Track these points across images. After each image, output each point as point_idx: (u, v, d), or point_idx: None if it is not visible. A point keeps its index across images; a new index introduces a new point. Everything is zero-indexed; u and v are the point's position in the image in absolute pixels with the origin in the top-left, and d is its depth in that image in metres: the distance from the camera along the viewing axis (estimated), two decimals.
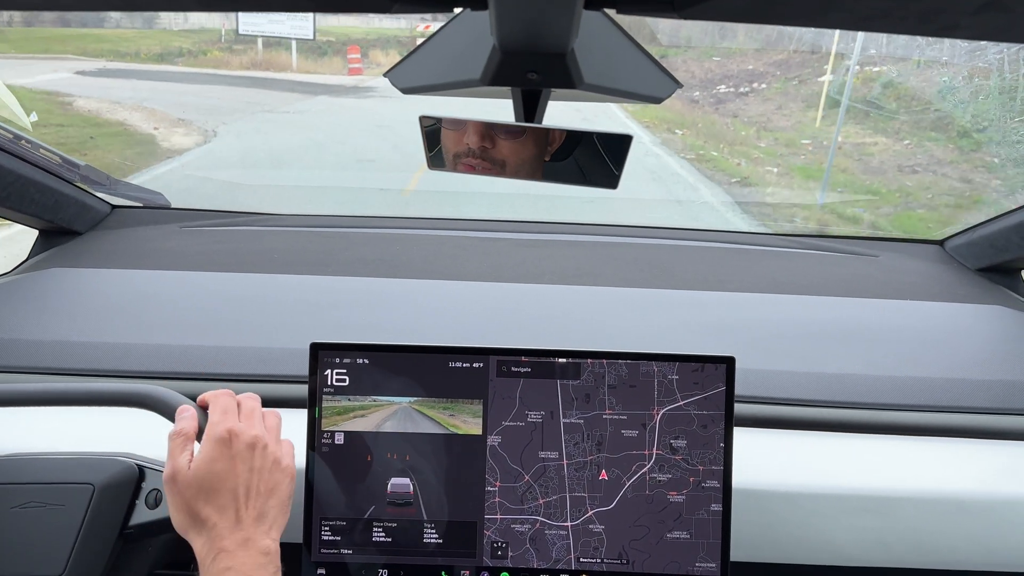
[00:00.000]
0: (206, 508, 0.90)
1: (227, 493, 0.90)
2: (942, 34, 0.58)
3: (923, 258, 1.91)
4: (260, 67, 17.76)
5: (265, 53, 18.72)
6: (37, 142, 1.67)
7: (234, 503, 0.90)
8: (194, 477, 0.91)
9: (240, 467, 0.92)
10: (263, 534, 0.90)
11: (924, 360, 1.42)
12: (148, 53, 18.16)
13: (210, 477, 0.91)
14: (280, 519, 0.94)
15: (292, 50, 17.66)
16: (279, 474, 0.95)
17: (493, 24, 0.69)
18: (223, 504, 0.90)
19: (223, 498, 0.90)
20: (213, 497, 0.90)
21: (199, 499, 0.90)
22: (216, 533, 0.88)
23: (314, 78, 16.33)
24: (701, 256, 1.91)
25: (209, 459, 0.92)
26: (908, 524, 1.18)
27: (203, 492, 0.90)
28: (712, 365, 1.12)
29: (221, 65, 17.48)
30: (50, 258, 1.77)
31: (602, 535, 1.11)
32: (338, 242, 1.93)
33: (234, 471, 0.91)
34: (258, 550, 0.88)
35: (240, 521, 0.89)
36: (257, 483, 0.92)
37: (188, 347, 1.38)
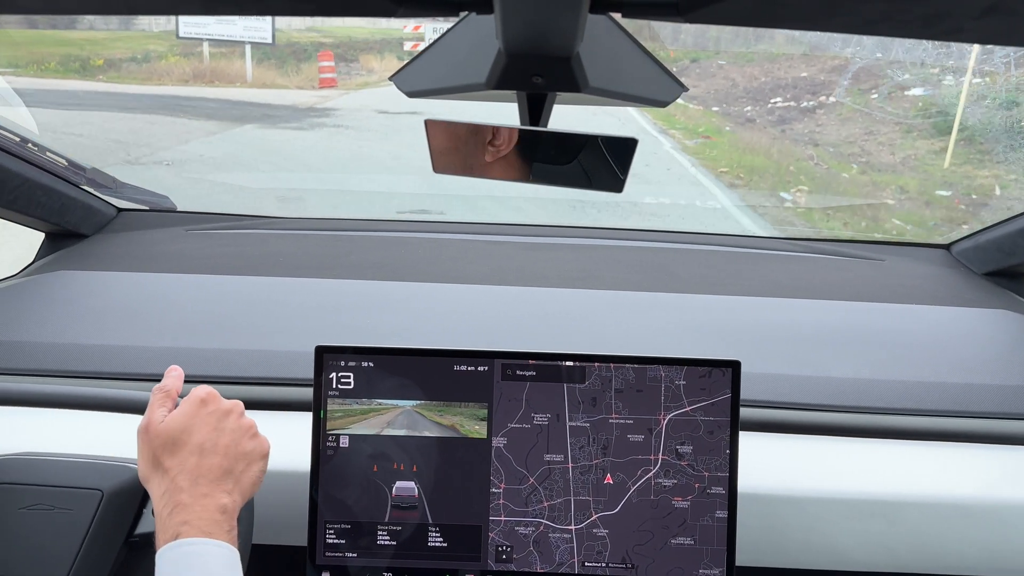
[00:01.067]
0: (170, 459, 0.91)
1: (192, 447, 0.91)
2: (946, 38, 0.58)
3: (929, 262, 1.90)
4: (204, 79, 14.15)
5: (217, 61, 15.01)
6: (43, 145, 1.68)
7: (198, 457, 0.91)
8: (164, 428, 0.93)
9: (211, 425, 0.93)
10: (223, 492, 0.90)
11: (930, 364, 1.41)
12: (96, 61, 14.93)
13: (179, 431, 0.92)
14: (245, 485, 0.94)
15: (247, 57, 14.19)
16: (251, 443, 0.96)
17: (498, 28, 0.70)
18: (185, 456, 0.91)
19: (187, 450, 0.91)
20: (178, 449, 0.91)
21: (165, 449, 0.91)
22: (175, 485, 0.89)
23: (263, 94, 12.94)
24: (706, 259, 1.91)
25: (182, 414, 0.94)
26: (913, 529, 1.17)
27: (169, 443, 0.92)
28: (719, 369, 1.12)
29: (165, 77, 14.04)
30: (56, 261, 1.77)
31: (606, 539, 1.11)
32: (343, 245, 1.93)
33: (203, 428, 0.93)
34: (216, 507, 0.88)
35: (201, 476, 0.90)
36: (226, 444, 0.93)
37: (193, 350, 1.39)
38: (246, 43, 14.07)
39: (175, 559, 0.85)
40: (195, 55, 14.80)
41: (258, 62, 14.98)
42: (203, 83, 13.83)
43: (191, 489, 0.89)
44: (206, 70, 14.29)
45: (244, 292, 1.63)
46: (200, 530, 0.86)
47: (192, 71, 14.38)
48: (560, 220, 6.23)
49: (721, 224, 6.16)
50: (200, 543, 0.85)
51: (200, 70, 14.36)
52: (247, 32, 13.90)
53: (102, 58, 15.17)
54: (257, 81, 14.22)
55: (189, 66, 14.38)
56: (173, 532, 0.86)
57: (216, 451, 0.92)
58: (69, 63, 14.75)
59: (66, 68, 14.53)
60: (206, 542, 0.86)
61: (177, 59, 14.88)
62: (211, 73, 14.30)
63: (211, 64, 14.59)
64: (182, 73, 14.29)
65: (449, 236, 2.00)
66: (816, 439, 1.27)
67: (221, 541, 0.87)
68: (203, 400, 0.96)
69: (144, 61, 15.37)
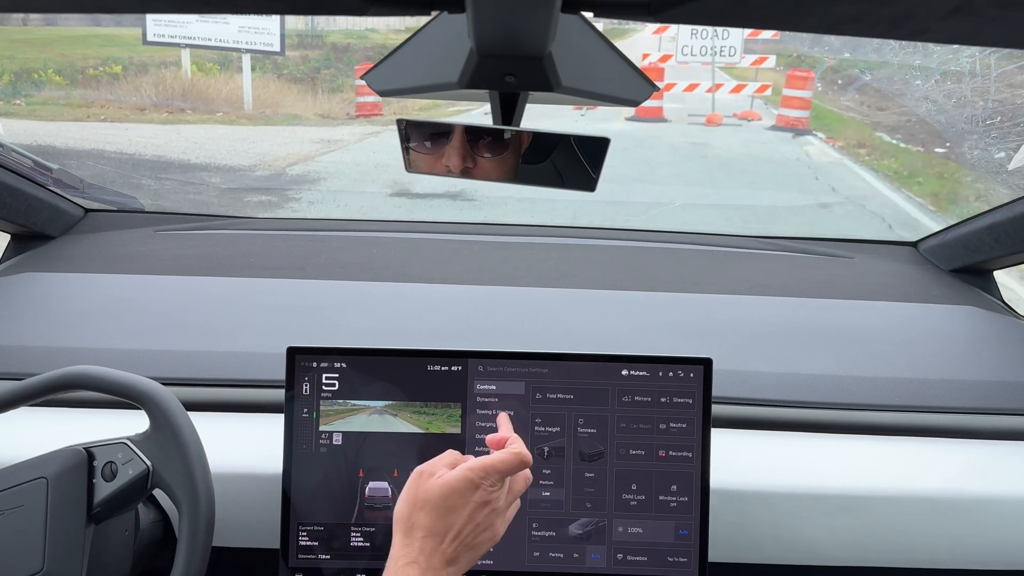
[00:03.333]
0: (425, 518, 0.90)
1: (445, 521, 0.91)
2: (912, 38, 0.58)
3: (897, 259, 1.93)
4: (175, 105, 9.58)
5: (206, 78, 10.51)
6: (10, 145, 1.65)
7: (445, 532, 0.90)
8: (434, 487, 0.91)
9: (466, 512, 0.92)
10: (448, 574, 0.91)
11: (898, 360, 1.43)
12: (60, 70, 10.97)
13: (443, 499, 0.91)
14: (464, 568, 0.93)
15: (245, 74, 9.64)
16: (486, 536, 0.94)
17: (470, 27, 0.69)
18: (436, 526, 0.90)
19: (440, 523, 0.90)
20: (435, 516, 0.91)
21: (425, 507, 0.91)
22: (416, 547, 0.89)
23: (261, 137, 8.74)
24: (677, 258, 1.92)
25: (451, 486, 0.92)
26: (883, 523, 1.19)
27: (430, 504, 0.91)
28: (689, 367, 1.13)
29: (113, 104, 9.82)
30: (23, 262, 1.74)
31: (580, 535, 1.11)
32: (315, 245, 1.92)
33: (460, 511, 0.91)
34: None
35: (439, 550, 0.90)
36: (470, 533, 0.92)
37: (163, 352, 1.37)
38: (243, 51, 9.58)
39: None
40: (168, 65, 10.80)
41: (272, 75, 10.76)
42: (172, 113, 9.54)
43: (426, 557, 0.89)
44: (187, 90, 10.16)
45: (214, 293, 1.61)
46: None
47: (164, 92, 10.01)
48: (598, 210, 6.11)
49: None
50: None
51: (172, 91, 9.98)
52: (244, 35, 9.46)
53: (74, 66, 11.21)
54: (259, 110, 9.99)
55: (157, 85, 10.35)
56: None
57: (459, 537, 0.91)
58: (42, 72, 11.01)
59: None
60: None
61: (136, 77, 10.78)
62: (196, 94, 10.08)
63: (198, 81, 10.44)
64: (154, 93, 10.04)
65: (423, 236, 1.99)
66: (787, 435, 1.29)
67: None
68: (473, 485, 0.92)
69: (102, 74, 11.22)
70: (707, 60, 10.62)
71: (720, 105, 10.49)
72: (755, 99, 10.90)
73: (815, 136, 9.70)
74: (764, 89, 10.48)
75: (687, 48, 10.47)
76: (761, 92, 10.59)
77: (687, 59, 10.59)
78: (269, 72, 11.34)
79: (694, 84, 10.44)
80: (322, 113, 9.97)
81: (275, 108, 10.07)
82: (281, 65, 11.48)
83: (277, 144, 8.55)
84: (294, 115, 9.87)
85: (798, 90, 9.76)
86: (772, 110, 10.72)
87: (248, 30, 9.41)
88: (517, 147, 0.84)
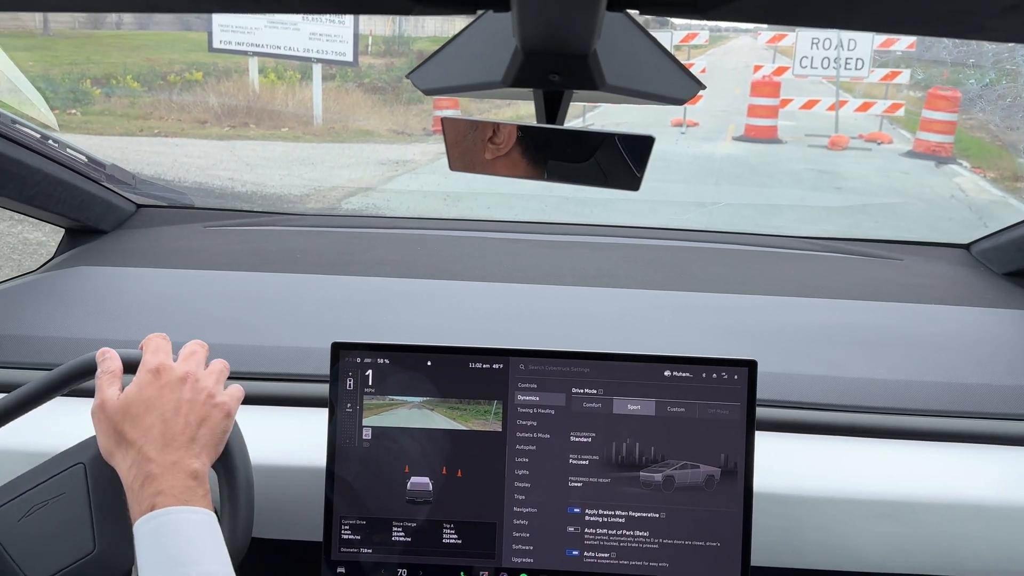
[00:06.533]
0: (133, 430, 0.90)
1: (154, 416, 0.91)
2: (968, 36, 0.57)
3: (949, 262, 1.88)
4: (238, 119, 8.99)
5: (274, 88, 9.88)
6: (64, 141, 1.69)
7: (161, 425, 0.90)
8: (121, 404, 0.92)
9: (169, 396, 0.93)
10: (192, 457, 0.90)
11: (948, 365, 1.40)
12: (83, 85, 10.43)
13: (138, 403, 0.92)
14: (211, 447, 0.93)
15: (314, 84, 9.06)
16: (211, 408, 0.95)
17: (515, 26, 0.69)
18: (150, 425, 0.90)
19: (150, 420, 0.90)
20: (139, 419, 0.91)
21: (125, 422, 0.91)
22: (143, 455, 0.88)
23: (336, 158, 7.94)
24: (722, 258, 1.90)
25: (138, 387, 0.93)
26: (930, 530, 1.16)
27: (130, 416, 0.91)
28: (734, 368, 1.11)
29: (181, 112, 9.27)
30: (76, 256, 1.79)
31: (620, 536, 1.11)
32: (360, 242, 1.94)
33: (162, 398, 0.92)
34: (187, 473, 0.88)
35: (167, 443, 0.89)
36: (187, 412, 0.92)
37: (211, 345, 1.39)
38: (313, 61, 9.05)
39: (154, 530, 0.85)
40: (236, 72, 10.19)
41: (352, 84, 9.89)
42: (235, 127, 8.88)
43: (160, 457, 0.88)
44: (253, 105, 9.42)
45: (262, 288, 1.64)
46: (175, 499, 0.86)
47: (222, 108, 9.19)
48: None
49: None
50: (177, 512, 0.85)
51: (232, 104, 9.23)
52: (315, 43, 8.84)
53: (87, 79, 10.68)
54: (332, 119, 9.04)
55: (222, 95, 9.80)
56: (148, 504, 0.86)
57: (179, 416, 0.92)
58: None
59: None
60: (183, 510, 0.86)
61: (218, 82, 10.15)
62: (258, 105, 9.24)
63: (260, 93, 9.74)
64: (204, 111, 9.27)
65: (466, 234, 2.00)
66: (833, 439, 1.27)
67: (198, 507, 0.87)
68: (156, 371, 0.95)
69: (157, 80, 10.97)
70: (829, 74, 9.68)
71: (840, 125, 9.34)
72: (882, 119, 9.64)
73: (960, 165, 8.41)
74: (896, 108, 9.27)
75: (806, 60, 9.59)
76: (892, 111, 9.35)
77: (805, 72, 9.71)
78: (350, 81, 10.73)
79: (813, 100, 9.51)
80: (396, 128, 9.21)
81: (345, 123, 9.30)
82: (363, 73, 10.86)
83: (339, 166, 7.67)
84: (365, 131, 9.07)
85: (941, 112, 8.49)
86: (901, 132, 9.66)
87: (319, 37, 8.80)
88: (561, 146, 0.83)
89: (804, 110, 9.48)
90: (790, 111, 9.51)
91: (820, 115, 9.53)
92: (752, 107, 9.60)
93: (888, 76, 9.61)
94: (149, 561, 0.84)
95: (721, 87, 12.35)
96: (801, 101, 9.46)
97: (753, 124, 9.49)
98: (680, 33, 10.58)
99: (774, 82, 9.56)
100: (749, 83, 9.89)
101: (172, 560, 0.83)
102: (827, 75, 9.78)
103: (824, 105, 9.39)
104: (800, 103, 9.45)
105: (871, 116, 9.55)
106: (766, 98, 9.50)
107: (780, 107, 9.35)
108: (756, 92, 9.64)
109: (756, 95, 9.62)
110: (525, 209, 6.06)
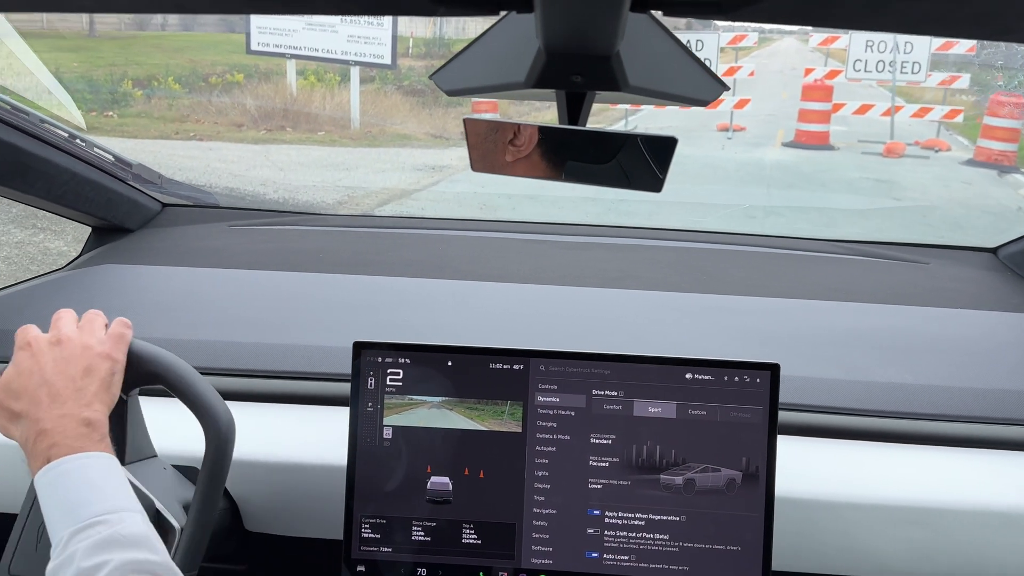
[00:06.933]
0: (18, 403, 0.92)
1: (35, 383, 0.92)
2: (996, 38, 0.56)
3: (975, 266, 1.86)
4: (274, 123, 8.91)
5: (311, 91, 9.68)
6: (91, 140, 1.71)
7: (45, 389, 0.91)
8: (2, 383, 0.94)
9: (44, 360, 0.93)
10: (82, 406, 0.91)
11: (974, 370, 1.39)
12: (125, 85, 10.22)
13: (15, 378, 0.93)
14: (102, 394, 0.94)
15: (352, 89, 8.90)
16: (92, 358, 0.95)
17: (539, 26, 0.70)
18: (33, 391, 0.91)
19: (32, 387, 0.92)
20: (22, 392, 0.92)
21: (9, 399, 0.92)
22: (32, 418, 0.90)
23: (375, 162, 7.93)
24: (745, 261, 1.89)
25: (13, 365, 0.95)
26: (955, 537, 1.15)
27: (12, 391, 0.93)
28: (756, 372, 1.11)
29: (218, 115, 9.21)
30: (102, 254, 1.80)
31: (640, 539, 1.10)
32: (383, 242, 1.94)
33: (40, 365, 0.93)
34: (78, 421, 0.89)
35: (54, 400, 0.90)
36: (64, 368, 0.93)
37: (233, 343, 1.40)
38: (351, 64, 8.97)
39: (51, 480, 0.86)
40: (277, 75, 9.98)
41: (392, 86, 9.65)
42: (271, 131, 8.62)
43: (48, 414, 0.89)
44: (290, 106, 9.27)
45: (284, 287, 1.65)
46: (68, 448, 0.87)
47: (259, 112, 8.95)
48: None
49: None
50: (71, 459, 0.86)
51: (268, 111, 8.93)
52: (353, 45, 8.77)
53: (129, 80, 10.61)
54: (369, 123, 8.89)
55: (259, 98, 9.65)
56: (43, 457, 0.87)
57: (59, 375, 0.92)
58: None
59: None
60: (78, 457, 0.87)
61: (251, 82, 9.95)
62: (295, 109, 9.12)
63: (297, 96, 9.54)
64: (240, 114, 9.09)
65: (487, 234, 2.00)
66: (857, 444, 1.26)
67: (93, 451, 0.88)
68: (27, 344, 0.96)
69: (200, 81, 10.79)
70: (884, 78, 9.20)
71: (895, 131, 8.89)
72: (939, 125, 9.18)
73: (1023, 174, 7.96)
74: (955, 114, 8.75)
75: (860, 63, 9.07)
76: (951, 118, 8.85)
77: (859, 76, 9.21)
78: (390, 83, 10.60)
79: (867, 105, 9.01)
80: (434, 132, 9.03)
81: (383, 127, 9.19)
82: (403, 76, 10.70)
83: (374, 171, 7.52)
84: (402, 135, 8.95)
85: (1004, 118, 8.03)
86: (959, 139, 9.22)
87: (357, 40, 8.66)
88: (583, 147, 0.83)
89: (857, 115, 9.08)
90: (841, 116, 9.11)
91: (873, 120, 9.12)
92: (803, 112, 9.25)
93: (947, 80, 9.08)
94: (52, 511, 0.84)
95: (768, 90, 12.05)
96: (854, 106, 9.03)
97: (804, 129, 9.18)
98: (727, 35, 10.12)
99: (826, 86, 9.16)
100: (796, 86, 9.52)
101: (74, 504, 0.84)
102: (882, 79, 9.34)
103: (879, 110, 8.99)
104: (853, 108, 9.03)
105: (927, 122, 9.10)
106: (818, 102, 9.14)
107: (833, 111, 8.96)
108: (807, 96, 9.27)
109: (807, 99, 9.26)
110: (570, 214, 5.94)
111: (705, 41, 9.31)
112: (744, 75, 9.79)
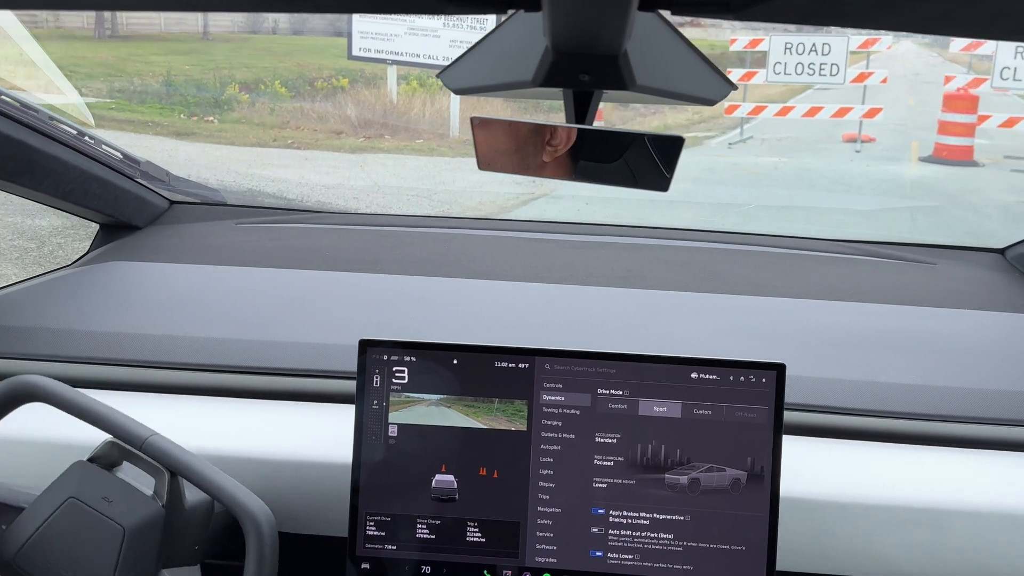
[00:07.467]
0: None
1: None
2: (1006, 37, 0.56)
3: (982, 266, 1.86)
4: (373, 130, 8.94)
5: (413, 96, 9.56)
6: (99, 138, 1.72)
7: None
8: None
9: None
10: None
11: (981, 371, 1.38)
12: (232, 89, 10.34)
13: None
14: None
15: (453, 110, 8.76)
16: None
17: (546, 25, 0.69)
18: None
19: None
20: None
21: None
22: None
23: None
24: (752, 260, 1.89)
25: None
26: (964, 539, 1.15)
27: None
28: (762, 371, 1.11)
29: (319, 120, 9.19)
30: (110, 252, 1.81)
31: (644, 538, 1.10)
32: (389, 240, 1.95)
33: None
34: None
35: None
36: None
37: (239, 340, 1.41)
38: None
39: None
40: (381, 80, 9.79)
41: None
42: (370, 138, 8.43)
43: None
44: (387, 113, 9.05)
45: (291, 285, 1.65)
46: None
47: (359, 119, 8.75)
48: None
49: None
50: None
51: (367, 119, 8.74)
52: (456, 51, 7.85)
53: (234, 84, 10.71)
54: (467, 133, 6.93)
55: (359, 105, 9.49)
56: None
57: None
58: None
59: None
60: None
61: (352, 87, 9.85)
62: (394, 116, 8.82)
63: (399, 103, 9.34)
64: (342, 117, 8.92)
65: (494, 233, 2.00)
66: (863, 444, 1.25)
67: None
68: None
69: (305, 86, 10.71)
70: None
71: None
72: None
73: None
74: None
75: (1007, 70, 7.76)
76: None
77: (1006, 85, 7.98)
78: None
79: (1015, 118, 7.81)
80: None
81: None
82: None
83: (473, 184, 7.00)
84: None
85: None
86: None
87: (460, 45, 8.39)
88: (591, 146, 0.83)
89: (1004, 128, 7.97)
90: (984, 128, 8.09)
91: (1018, 134, 8.08)
92: (943, 124, 8.35)
93: None
94: None
95: (893, 97, 10.86)
96: (1001, 118, 7.89)
97: (945, 143, 8.28)
98: (857, 39, 8.94)
99: (971, 95, 8.14)
100: (923, 92, 8.67)
101: None
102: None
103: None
104: (999, 120, 7.90)
105: None
106: (962, 114, 8.17)
107: (977, 124, 8.00)
108: (949, 106, 8.30)
109: (949, 110, 8.30)
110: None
111: (832, 45, 8.48)
112: (877, 81, 8.88)
